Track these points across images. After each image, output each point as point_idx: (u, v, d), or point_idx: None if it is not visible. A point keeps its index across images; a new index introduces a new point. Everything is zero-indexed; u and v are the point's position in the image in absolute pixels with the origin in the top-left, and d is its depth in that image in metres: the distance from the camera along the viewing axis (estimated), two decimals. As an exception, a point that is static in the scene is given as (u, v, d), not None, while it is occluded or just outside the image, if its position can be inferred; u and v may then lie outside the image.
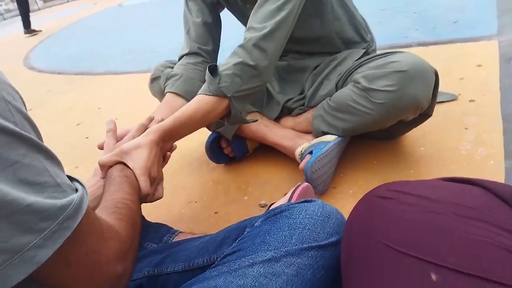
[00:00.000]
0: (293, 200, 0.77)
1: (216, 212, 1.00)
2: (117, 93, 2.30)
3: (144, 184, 0.67)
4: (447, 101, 1.20)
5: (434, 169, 0.94)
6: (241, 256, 0.53)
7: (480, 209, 0.40)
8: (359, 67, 0.97)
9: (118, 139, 0.81)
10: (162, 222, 1.00)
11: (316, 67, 1.13)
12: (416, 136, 1.08)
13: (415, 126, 1.04)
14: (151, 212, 1.07)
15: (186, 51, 1.10)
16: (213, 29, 1.11)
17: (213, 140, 1.15)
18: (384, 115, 0.88)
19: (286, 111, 1.17)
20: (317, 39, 1.09)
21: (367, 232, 0.44)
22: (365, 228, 0.45)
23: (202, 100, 0.85)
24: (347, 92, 0.94)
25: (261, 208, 0.97)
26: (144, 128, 0.82)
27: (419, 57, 0.87)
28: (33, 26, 6.67)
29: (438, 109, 1.18)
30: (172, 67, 1.12)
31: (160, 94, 1.10)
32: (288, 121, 1.16)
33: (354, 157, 1.08)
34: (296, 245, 0.52)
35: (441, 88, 1.27)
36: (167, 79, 1.06)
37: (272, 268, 0.50)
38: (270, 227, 0.56)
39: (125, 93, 2.25)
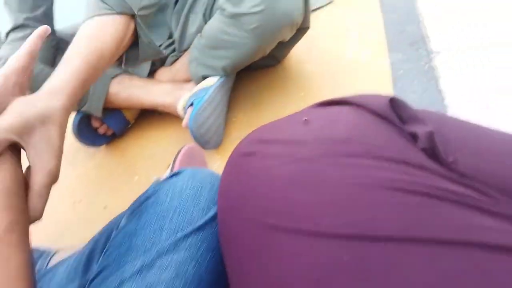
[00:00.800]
0: (175, 168, 0.65)
1: (105, 207, 0.85)
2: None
3: (41, 201, 0.39)
4: (324, 5, 1.12)
5: (324, 85, 0.88)
6: (106, 277, 0.41)
7: (354, 139, 0.31)
8: None
9: None
10: (47, 239, 0.85)
11: (177, 0, 0.96)
12: (299, 52, 1.00)
13: (296, 43, 0.95)
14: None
15: (10, 26, 0.85)
16: None
17: (80, 121, 0.95)
18: (260, 40, 0.78)
19: (159, 63, 1.01)
20: None
21: (236, 206, 0.34)
22: (234, 201, 0.35)
23: (105, 24, 0.57)
24: (215, 23, 0.81)
25: (156, 184, 0.84)
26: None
27: None
28: None
29: (317, 16, 1.10)
30: None
31: None
32: (164, 73, 1.00)
33: (244, 93, 0.97)
34: (169, 239, 0.41)
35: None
36: None
37: (145, 280, 0.39)
38: (136, 225, 0.44)
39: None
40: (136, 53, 0.69)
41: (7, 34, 0.86)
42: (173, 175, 0.48)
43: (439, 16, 0.92)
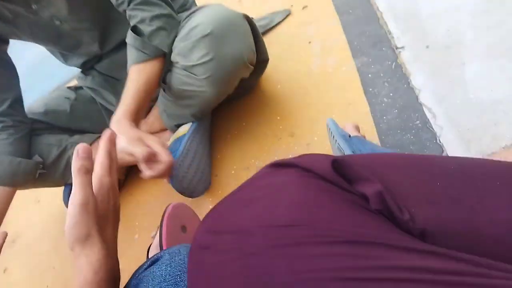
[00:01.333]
0: (163, 234, 0.65)
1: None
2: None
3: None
4: (283, 19, 1.10)
5: (296, 103, 0.86)
6: None
7: (299, 224, 0.30)
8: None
9: None
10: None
11: None
12: (269, 74, 0.99)
13: (261, 74, 0.94)
14: None
15: None
16: (0, 81, 0.85)
17: (71, 192, 0.96)
18: (218, 86, 0.77)
19: (134, 117, 1.01)
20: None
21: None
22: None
23: (145, 69, 0.74)
24: (175, 76, 0.80)
25: (156, 240, 0.84)
26: None
27: (220, 8, 0.74)
28: None
29: (277, 33, 1.09)
30: None
31: None
32: (142, 126, 0.99)
33: (223, 129, 0.97)
34: (153, 332, 0.41)
35: (273, 7, 1.17)
36: None
37: None
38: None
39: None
40: None
41: None
42: (152, 262, 0.48)
43: (397, 9, 0.90)
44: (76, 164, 0.44)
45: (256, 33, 0.79)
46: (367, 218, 0.30)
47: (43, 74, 1.59)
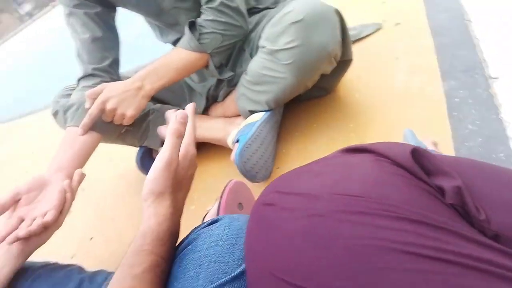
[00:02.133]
0: (222, 205, 0.68)
1: (164, 234, 0.91)
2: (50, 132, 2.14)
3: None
4: (373, 32, 1.10)
5: (373, 115, 0.85)
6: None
7: (369, 196, 0.30)
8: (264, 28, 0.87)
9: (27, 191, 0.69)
10: (115, 260, 0.92)
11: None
12: (349, 82, 0.99)
13: (342, 75, 0.95)
14: (101, 251, 0.98)
15: (81, 74, 0.96)
16: (106, 41, 0.95)
17: (143, 155, 1.04)
18: (297, 74, 0.79)
19: (212, 99, 1.07)
20: None
21: (256, 258, 0.35)
22: (254, 253, 0.36)
23: (181, 54, 0.87)
24: (257, 60, 0.85)
25: (210, 215, 0.88)
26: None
27: (314, 0, 0.77)
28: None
29: (365, 45, 1.09)
30: (70, 95, 0.98)
31: (63, 125, 0.97)
32: (217, 109, 1.06)
33: (293, 125, 0.98)
34: (204, 286, 0.43)
35: (364, 19, 1.17)
36: (65, 110, 0.92)
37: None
38: (177, 269, 0.47)
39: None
40: None
41: (78, 80, 0.97)
42: (212, 222, 0.50)
43: (495, 39, 0.85)
44: (172, 126, 0.49)
45: (344, 31, 0.81)
46: (439, 207, 0.29)
47: (135, 51, 1.74)
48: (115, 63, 0.99)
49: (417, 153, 0.33)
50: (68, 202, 0.72)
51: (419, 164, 0.33)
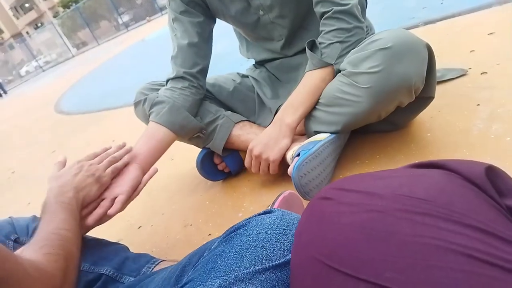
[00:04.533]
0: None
1: (209, 234, 0.94)
2: (130, 125, 2.33)
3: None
4: (456, 77, 1.07)
5: (443, 157, 0.82)
6: (192, 287, 0.46)
7: (434, 201, 0.30)
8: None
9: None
10: (157, 250, 0.96)
11: None
12: (421, 121, 0.97)
13: (418, 112, 0.93)
14: (145, 240, 1.03)
15: (172, 75, 1.05)
16: (201, 49, 1.04)
17: (204, 157, 1.09)
18: (373, 101, 0.79)
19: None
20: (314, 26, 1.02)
21: (305, 245, 0.36)
22: (304, 240, 0.36)
23: (309, 76, 0.90)
24: (334, 83, 0.87)
25: (255, 224, 0.89)
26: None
27: (407, 31, 0.78)
28: (66, 74, 7.11)
29: (445, 87, 1.06)
30: (157, 90, 1.08)
31: (145, 118, 1.07)
32: None
33: (355, 154, 0.98)
34: (248, 268, 0.44)
35: (450, 64, 1.15)
36: (153, 105, 1.01)
37: (219, 299, 0.43)
38: (224, 249, 0.49)
39: (136, 123, 2.28)
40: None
41: (168, 80, 1.07)
42: (264, 212, 0.52)
43: None
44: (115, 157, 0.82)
45: (432, 67, 0.80)
46: (508, 225, 0.28)
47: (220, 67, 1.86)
48: (204, 71, 1.07)
49: (492, 171, 0.32)
50: (137, 192, 0.80)
51: (492, 182, 0.32)
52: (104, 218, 0.74)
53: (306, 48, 0.90)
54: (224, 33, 1.16)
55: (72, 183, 0.69)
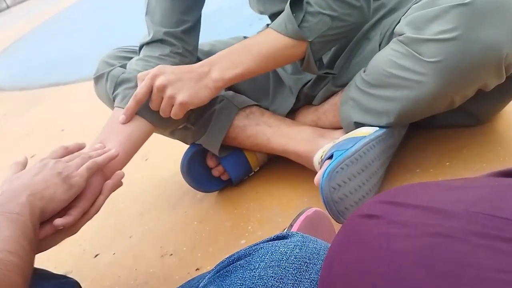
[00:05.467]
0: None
1: (197, 269, 0.95)
2: (86, 108, 2.35)
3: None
4: None
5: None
6: None
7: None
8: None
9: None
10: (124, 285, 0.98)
11: None
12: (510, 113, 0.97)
13: (510, 100, 0.93)
14: (105, 274, 1.04)
15: (148, 38, 1.05)
16: (188, 0, 1.04)
17: (193, 157, 1.10)
18: (444, 81, 0.78)
19: (305, 99, 1.12)
20: None
21: (339, 281, 0.36)
22: (338, 273, 0.37)
23: (270, 37, 0.93)
24: (386, 53, 0.86)
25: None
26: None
27: None
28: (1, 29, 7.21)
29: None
30: (127, 61, 1.07)
31: (109, 101, 1.07)
32: (307, 114, 1.10)
33: (414, 159, 0.98)
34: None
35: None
36: (118, 84, 1.00)
37: None
38: (217, 290, 0.50)
39: (98, 106, 2.30)
40: None
41: (141, 46, 1.06)
42: (278, 237, 0.53)
43: None
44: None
45: None
46: None
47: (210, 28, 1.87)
48: (193, 31, 1.07)
49: None
50: (96, 207, 0.80)
51: None
52: (56, 238, 0.74)
53: (287, 4, 0.90)
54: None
55: (27, 186, 0.69)
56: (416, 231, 0.33)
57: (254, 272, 0.48)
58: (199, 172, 1.13)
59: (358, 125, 0.93)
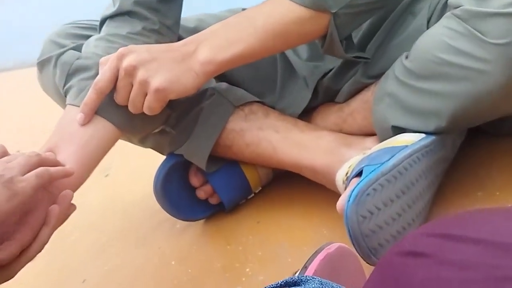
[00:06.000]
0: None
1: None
2: (28, 103, 2.37)
3: None
4: None
5: None
6: None
7: None
8: None
9: None
10: None
11: None
12: None
13: None
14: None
15: (111, 10, 1.06)
16: None
17: (170, 172, 1.11)
18: None
19: (325, 95, 1.13)
20: None
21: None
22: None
23: (281, 6, 0.92)
24: (436, 33, 0.87)
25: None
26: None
27: None
28: None
29: None
30: (84, 40, 1.08)
31: (58, 94, 1.07)
32: (330, 114, 1.12)
33: (475, 177, 0.99)
34: None
35: None
36: (70, 74, 1.01)
37: None
38: None
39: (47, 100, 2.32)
40: None
41: (103, 20, 1.07)
42: (287, 283, 0.53)
43: None
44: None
45: None
46: None
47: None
48: (174, 1, 1.08)
49: None
50: (38, 244, 0.79)
51: None
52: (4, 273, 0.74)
53: None
54: None
55: None
56: (478, 275, 0.33)
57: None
58: (178, 193, 1.13)
59: (398, 130, 0.93)
